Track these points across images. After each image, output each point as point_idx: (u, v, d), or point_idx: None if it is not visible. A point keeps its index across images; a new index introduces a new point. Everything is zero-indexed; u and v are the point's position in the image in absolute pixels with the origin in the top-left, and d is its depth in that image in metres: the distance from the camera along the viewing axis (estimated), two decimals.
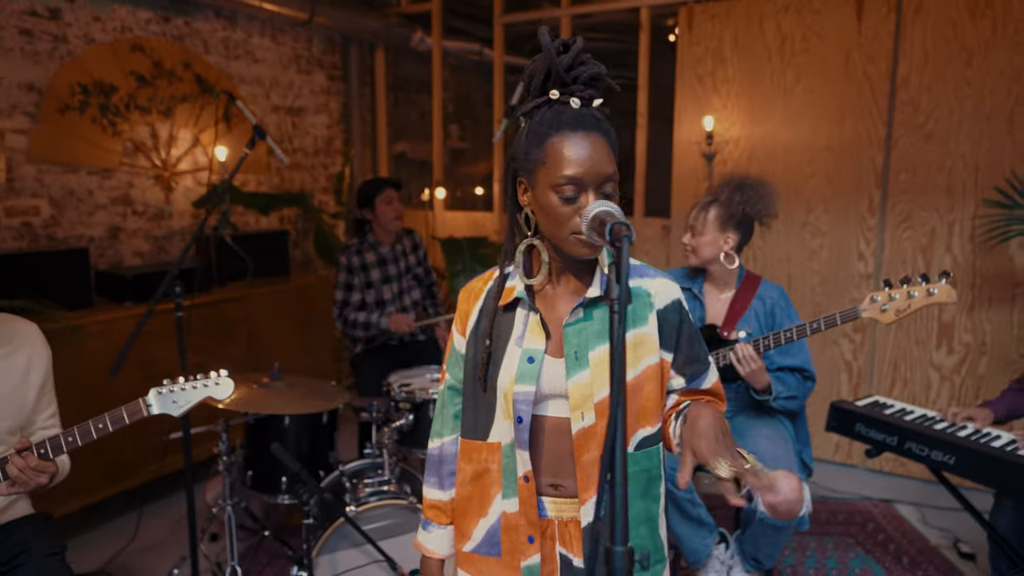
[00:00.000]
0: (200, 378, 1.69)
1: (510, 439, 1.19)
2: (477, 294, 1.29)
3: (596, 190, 1.08)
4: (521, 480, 1.19)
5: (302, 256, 4.66)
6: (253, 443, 2.75)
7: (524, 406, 1.17)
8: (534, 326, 1.20)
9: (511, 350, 1.20)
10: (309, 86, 4.68)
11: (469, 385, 1.26)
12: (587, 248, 1.09)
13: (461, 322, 1.29)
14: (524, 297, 1.20)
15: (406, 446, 2.67)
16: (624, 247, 0.80)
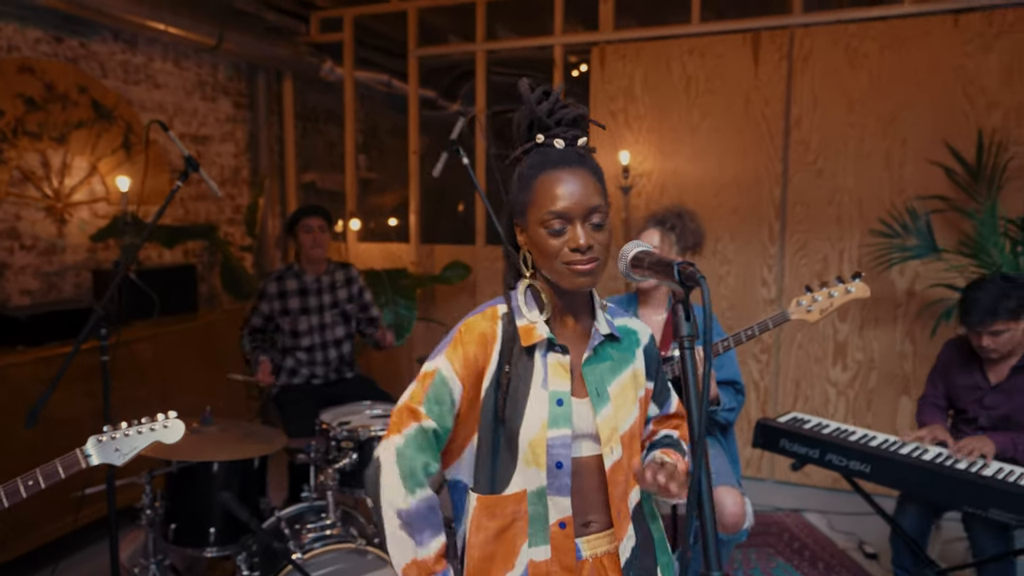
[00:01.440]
0: (145, 422, 1.58)
1: (536, 486, 1.17)
2: (491, 337, 1.22)
3: (583, 222, 1.13)
4: (555, 527, 1.18)
5: (208, 291, 4.41)
6: (177, 494, 2.56)
7: (562, 450, 1.16)
8: (556, 367, 1.19)
9: (536, 394, 1.18)
10: (214, 114, 4.49)
11: (486, 435, 1.20)
12: (582, 278, 1.14)
13: (470, 367, 1.20)
14: (552, 338, 1.20)
15: (349, 487, 2.58)
16: (703, 285, 0.83)
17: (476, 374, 1.21)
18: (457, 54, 4.92)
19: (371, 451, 2.58)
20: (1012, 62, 3.40)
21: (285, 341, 3.30)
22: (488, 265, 4.55)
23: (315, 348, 3.31)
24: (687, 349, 0.82)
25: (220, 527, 2.52)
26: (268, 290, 3.26)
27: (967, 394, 2.59)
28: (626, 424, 1.22)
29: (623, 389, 1.24)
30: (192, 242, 4.26)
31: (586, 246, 1.12)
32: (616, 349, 1.26)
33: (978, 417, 2.54)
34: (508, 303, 1.24)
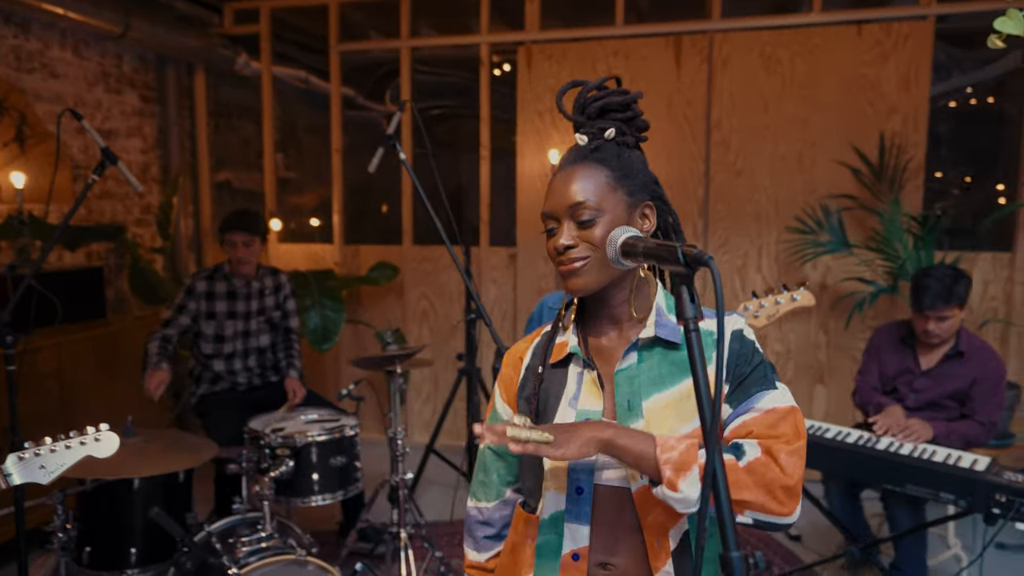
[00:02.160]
0: (74, 436, 1.44)
1: (551, 513, 1.09)
2: (521, 355, 1.21)
3: (570, 219, 1.05)
4: (567, 558, 1.07)
5: (116, 296, 4.12)
6: (92, 514, 2.37)
7: (584, 475, 1.06)
8: (589, 385, 1.10)
9: (563, 412, 1.10)
10: (120, 107, 4.20)
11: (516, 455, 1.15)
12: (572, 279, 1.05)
13: (506, 388, 1.21)
14: (578, 352, 1.11)
15: (286, 496, 2.47)
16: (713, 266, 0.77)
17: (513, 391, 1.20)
18: (380, 51, 4.82)
19: (309, 458, 2.47)
20: (908, 71, 3.66)
21: (206, 348, 3.12)
22: (416, 266, 4.48)
23: (236, 355, 3.15)
24: (693, 331, 0.80)
25: (142, 547, 2.36)
26: (197, 288, 3.08)
27: (899, 377, 2.74)
28: None
29: (669, 405, 1.05)
30: (96, 244, 3.97)
31: (562, 247, 1.05)
32: (671, 356, 1.08)
33: (905, 399, 2.70)
34: (557, 321, 1.19)
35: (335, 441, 2.54)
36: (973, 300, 3.65)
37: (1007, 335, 3.69)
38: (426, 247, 4.49)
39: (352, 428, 2.64)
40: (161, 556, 2.37)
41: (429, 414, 4.51)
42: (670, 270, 0.84)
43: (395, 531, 2.72)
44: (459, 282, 4.42)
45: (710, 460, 0.70)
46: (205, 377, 3.12)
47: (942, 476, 2.26)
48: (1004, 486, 2.14)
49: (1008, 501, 2.13)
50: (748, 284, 3.98)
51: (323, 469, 2.51)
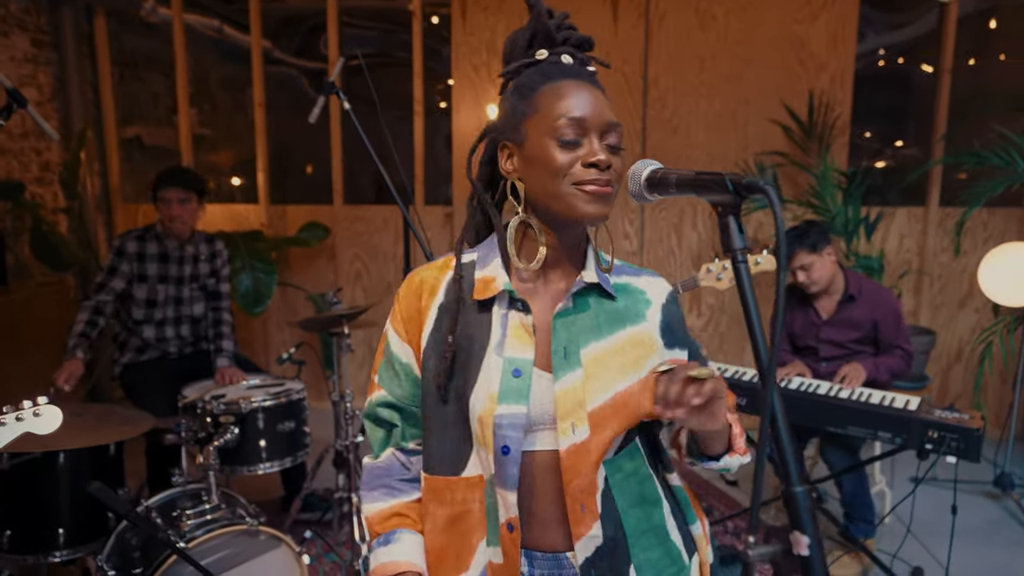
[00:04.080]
0: (8, 411, 1.29)
1: (489, 473, 0.98)
2: (432, 287, 1.04)
3: (600, 137, 0.94)
4: (503, 528, 0.97)
5: (15, 262, 3.76)
6: (11, 495, 2.16)
7: (512, 432, 0.94)
8: (517, 329, 0.98)
9: (488, 361, 0.97)
10: (8, 52, 3.78)
11: (432, 406, 1.01)
12: (594, 205, 0.93)
13: (408, 323, 1.04)
14: (511, 290, 0.99)
15: (230, 465, 2.33)
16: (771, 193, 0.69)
17: (418, 332, 1.03)
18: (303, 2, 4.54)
19: (256, 424, 2.35)
20: (836, 30, 3.77)
21: (136, 313, 2.89)
22: (348, 226, 4.31)
23: (167, 322, 2.94)
24: (741, 263, 0.74)
25: (70, 527, 2.18)
26: (127, 248, 2.83)
27: (805, 332, 2.89)
28: (602, 398, 0.96)
29: (608, 355, 0.99)
30: None
31: (604, 162, 0.92)
32: (606, 307, 1.02)
33: (818, 349, 2.84)
34: (458, 259, 1.03)
35: (282, 406, 2.42)
36: (890, 252, 3.85)
37: (920, 285, 3.92)
38: (358, 207, 4.33)
39: (299, 392, 2.52)
40: (92, 535, 2.20)
41: (364, 378, 4.40)
42: (712, 200, 0.77)
43: (345, 496, 2.64)
44: (393, 243, 4.29)
45: (769, 398, 0.67)
46: (131, 344, 2.90)
47: (879, 416, 2.38)
48: (935, 423, 2.27)
49: (939, 437, 2.27)
50: (684, 241, 4.05)
51: (271, 435, 2.39)
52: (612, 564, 0.97)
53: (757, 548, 0.61)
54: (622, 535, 0.98)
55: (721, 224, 0.75)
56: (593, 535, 0.96)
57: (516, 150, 1.00)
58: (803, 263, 2.72)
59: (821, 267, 2.73)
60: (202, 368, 2.90)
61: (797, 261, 2.73)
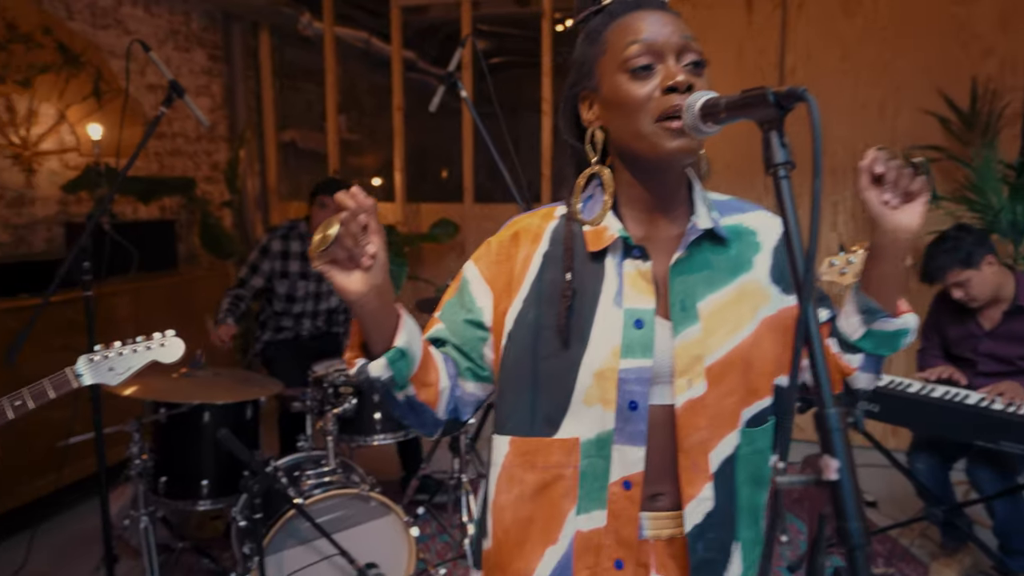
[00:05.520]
0: (141, 340, 1.47)
1: (596, 432, 0.91)
2: (535, 235, 0.98)
3: (677, 57, 0.87)
4: (618, 487, 0.91)
5: (187, 251, 4.24)
6: (165, 446, 2.45)
7: (638, 387, 0.90)
8: (635, 278, 0.92)
9: (606, 311, 0.92)
10: (188, 65, 4.29)
11: (524, 360, 0.95)
12: (679, 138, 0.85)
13: (499, 265, 0.98)
14: (626, 236, 0.93)
15: (348, 434, 2.49)
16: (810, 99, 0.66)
17: (507, 278, 0.98)
18: (440, 9, 4.77)
19: (371, 397, 2.49)
20: (1006, 8, 3.39)
21: (277, 305, 3.16)
22: (477, 224, 4.45)
23: (305, 315, 3.19)
24: (783, 179, 0.69)
25: (213, 480, 2.42)
26: (272, 247, 3.10)
27: (963, 343, 2.58)
28: (719, 352, 0.91)
29: (723, 308, 0.93)
30: (168, 199, 4.09)
31: (683, 83, 0.85)
32: (719, 254, 0.96)
33: (976, 363, 2.53)
34: (570, 203, 0.98)
35: None
36: None
37: None
38: (487, 205, 4.46)
39: None
40: (230, 490, 2.43)
41: None
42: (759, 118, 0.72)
43: (457, 478, 2.73)
44: None
45: (803, 314, 0.63)
46: (271, 325, 3.18)
47: None
48: None
49: None
50: (823, 243, 3.79)
51: (385, 408, 2.53)
52: (720, 536, 0.92)
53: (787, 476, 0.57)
54: (732, 509, 0.93)
55: (764, 140, 0.71)
56: (704, 497, 0.90)
57: (594, 97, 0.95)
58: (958, 280, 2.40)
59: (981, 281, 2.39)
60: (332, 349, 3.12)
61: (951, 279, 2.41)
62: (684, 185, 0.97)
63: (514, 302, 0.96)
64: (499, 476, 0.98)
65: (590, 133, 0.96)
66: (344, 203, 0.80)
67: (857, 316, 0.96)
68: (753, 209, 1.01)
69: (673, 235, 0.95)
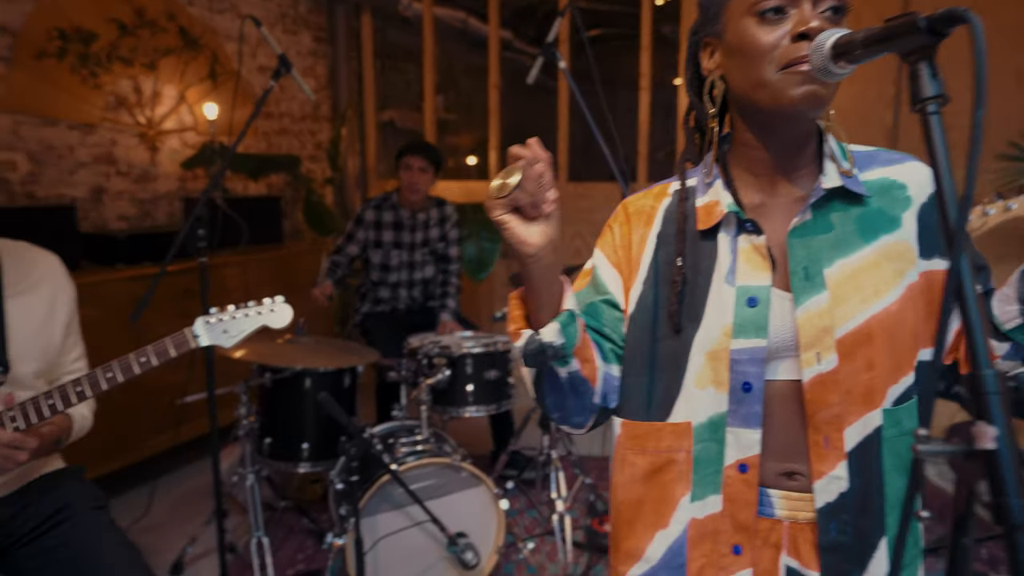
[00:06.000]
0: (252, 305, 1.53)
1: (708, 416, 0.88)
2: (648, 216, 0.96)
3: (813, 4, 0.79)
4: (733, 470, 0.87)
5: (291, 227, 4.43)
6: (270, 408, 2.56)
7: (752, 367, 0.85)
8: (750, 254, 0.87)
9: (718, 291, 0.88)
10: (295, 47, 4.45)
11: (643, 343, 0.93)
12: (805, 84, 0.78)
13: (621, 250, 0.96)
14: (736, 210, 0.88)
15: (440, 406, 2.53)
16: (972, 18, 0.58)
17: (628, 262, 0.96)
18: None
19: (464, 369, 2.51)
20: None
21: (373, 275, 3.25)
22: (571, 203, 4.40)
23: (401, 285, 3.26)
24: (932, 114, 0.61)
25: (313, 444, 2.51)
26: (366, 217, 3.19)
27: None
28: (852, 323, 0.83)
29: (858, 273, 0.85)
30: (275, 176, 4.28)
31: (818, 29, 0.77)
32: (855, 213, 0.87)
33: None
34: (682, 179, 0.94)
35: (490, 355, 2.56)
36: None
37: None
38: (581, 184, 4.40)
39: (506, 343, 2.65)
40: (329, 455, 2.52)
41: None
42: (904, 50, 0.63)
43: (547, 455, 2.72)
44: None
45: (955, 264, 0.56)
46: (369, 297, 3.27)
47: None
48: None
49: None
50: None
51: (478, 381, 2.54)
52: (860, 525, 0.85)
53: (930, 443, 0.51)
54: (879, 501, 0.85)
55: (912, 73, 0.62)
56: (836, 476, 0.83)
57: (717, 44, 0.89)
58: None
59: None
60: (427, 322, 3.17)
61: None
62: (811, 141, 0.89)
63: (635, 284, 0.95)
64: (614, 456, 0.99)
65: (709, 83, 0.90)
66: (519, 153, 0.77)
67: (1017, 305, 0.85)
68: (905, 160, 0.91)
69: (796, 198, 0.89)
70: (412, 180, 3.11)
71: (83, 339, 1.67)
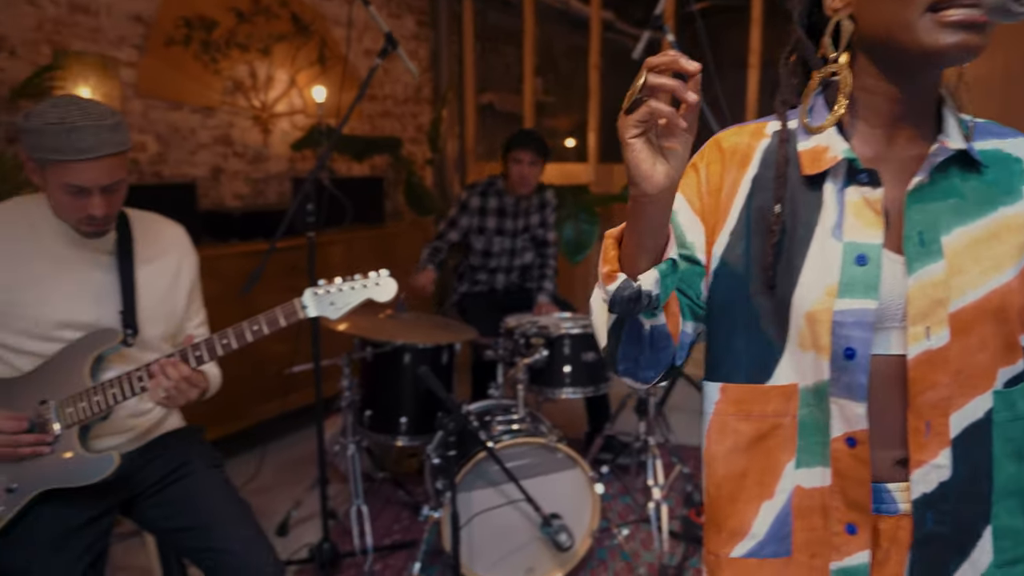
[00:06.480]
0: (358, 278, 1.56)
1: (815, 380, 0.80)
2: (744, 155, 0.86)
3: None
4: (841, 444, 0.80)
5: (392, 208, 4.54)
6: (370, 382, 2.64)
7: (858, 331, 0.77)
8: (860, 207, 0.79)
9: (821, 245, 0.80)
10: (399, 31, 4.53)
11: (733, 299, 0.86)
12: (964, 34, 0.69)
13: (710, 196, 0.87)
14: (852, 158, 0.79)
15: (537, 386, 2.52)
16: None
17: (716, 208, 0.87)
18: None
19: (562, 349, 2.49)
20: None
21: (473, 260, 3.28)
22: None
23: (499, 271, 3.28)
24: None
25: (411, 418, 2.57)
26: (470, 204, 3.20)
27: None
28: (969, 297, 0.76)
29: (976, 244, 0.78)
30: (378, 157, 4.38)
31: None
32: (973, 181, 0.80)
33: None
34: (782, 120, 0.85)
35: (588, 336, 2.53)
36: None
37: None
38: None
39: None
40: (426, 430, 2.57)
41: None
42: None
43: (643, 440, 2.67)
44: None
45: None
46: (467, 277, 3.30)
47: None
48: None
49: None
50: None
51: (575, 362, 2.52)
52: (960, 514, 0.79)
53: None
54: (986, 488, 0.79)
55: None
56: (938, 464, 0.77)
57: None
58: None
59: None
60: (524, 303, 3.17)
61: None
62: (935, 97, 0.81)
63: (720, 234, 0.86)
64: (710, 425, 0.89)
65: (833, 24, 0.81)
66: (650, 62, 0.66)
67: None
68: (1014, 135, 0.84)
69: (912, 156, 0.81)
70: (522, 174, 3.09)
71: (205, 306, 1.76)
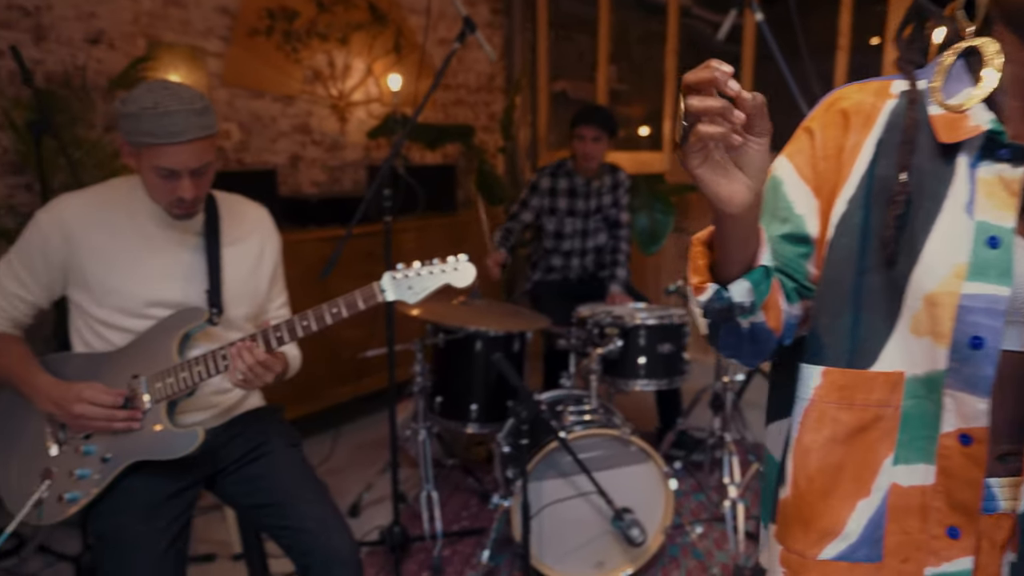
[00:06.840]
0: (436, 263, 1.54)
1: (927, 369, 0.74)
2: (867, 116, 0.78)
3: None
4: (952, 441, 0.73)
5: (463, 196, 4.55)
6: (442, 368, 2.64)
7: (988, 319, 0.70)
8: (993, 186, 0.72)
9: (950, 220, 0.72)
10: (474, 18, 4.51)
11: (845, 274, 0.78)
12: None
13: (826, 160, 0.79)
14: (998, 130, 0.71)
15: (610, 377, 2.47)
16: None
17: (834, 176, 0.79)
18: None
19: (637, 340, 2.43)
20: None
21: (547, 243, 3.25)
22: None
23: (573, 253, 3.23)
24: None
25: (481, 406, 2.56)
26: (541, 184, 3.19)
27: None
28: None
29: None
30: (451, 146, 4.40)
31: None
32: None
33: None
34: (911, 80, 0.77)
35: (663, 327, 2.46)
36: None
37: None
38: None
39: (681, 317, 2.53)
40: (495, 418, 2.55)
41: None
42: None
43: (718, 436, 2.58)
44: None
45: None
46: (541, 265, 3.28)
47: None
48: None
49: None
50: None
51: (650, 353, 2.45)
52: None
53: None
54: None
55: None
56: None
57: None
58: None
59: None
60: (596, 292, 3.12)
61: None
62: None
63: (838, 201, 0.79)
64: (806, 412, 0.81)
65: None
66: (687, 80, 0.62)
67: None
68: None
69: None
70: (585, 150, 3.04)
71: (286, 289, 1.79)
